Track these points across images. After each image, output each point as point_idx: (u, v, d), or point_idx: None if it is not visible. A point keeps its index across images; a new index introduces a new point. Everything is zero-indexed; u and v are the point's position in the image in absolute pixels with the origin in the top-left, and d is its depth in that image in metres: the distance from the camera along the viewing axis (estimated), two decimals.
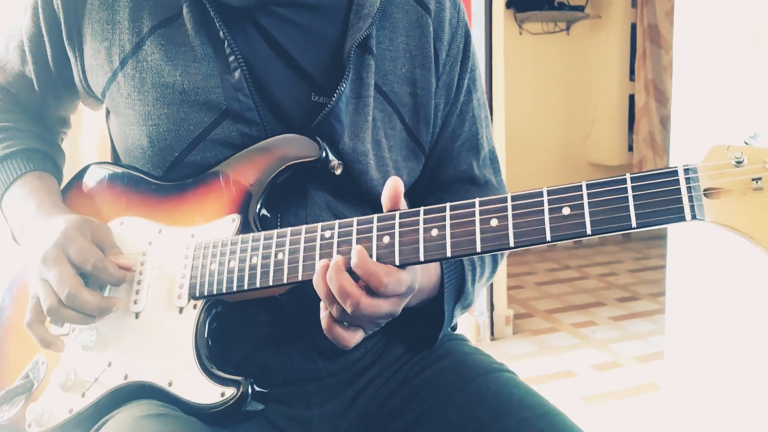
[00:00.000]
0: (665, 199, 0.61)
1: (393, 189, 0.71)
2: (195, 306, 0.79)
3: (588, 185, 0.64)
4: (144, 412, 0.75)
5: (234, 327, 0.82)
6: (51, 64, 0.92)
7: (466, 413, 0.84)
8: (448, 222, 0.68)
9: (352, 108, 0.85)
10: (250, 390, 0.74)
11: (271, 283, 0.75)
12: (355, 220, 0.72)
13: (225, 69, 0.83)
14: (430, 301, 0.85)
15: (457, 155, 0.95)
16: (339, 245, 0.72)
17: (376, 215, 0.71)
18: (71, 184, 0.96)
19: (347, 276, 0.69)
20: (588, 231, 0.63)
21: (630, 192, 0.62)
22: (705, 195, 0.60)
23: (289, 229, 0.75)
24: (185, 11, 0.84)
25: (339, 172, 0.83)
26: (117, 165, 0.92)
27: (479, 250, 0.67)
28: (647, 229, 0.63)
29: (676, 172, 0.61)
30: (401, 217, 0.70)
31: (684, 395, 2.09)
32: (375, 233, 0.71)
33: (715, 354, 1.97)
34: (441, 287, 0.85)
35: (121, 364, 0.81)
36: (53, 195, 0.92)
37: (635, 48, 4.73)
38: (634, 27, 4.75)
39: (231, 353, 0.83)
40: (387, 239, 0.70)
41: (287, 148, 0.82)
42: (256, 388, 0.75)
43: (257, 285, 0.75)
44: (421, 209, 0.70)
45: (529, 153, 4.65)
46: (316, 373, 0.88)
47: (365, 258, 0.69)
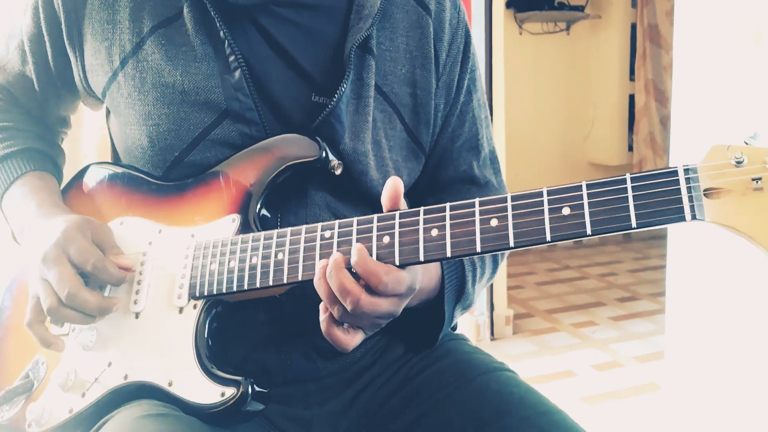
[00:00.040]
0: (665, 199, 0.61)
1: (393, 189, 0.71)
2: (195, 306, 0.79)
3: (588, 185, 0.64)
4: (144, 412, 0.75)
5: (234, 327, 0.82)
6: (51, 63, 0.92)
7: (466, 412, 0.84)
8: (448, 222, 0.68)
9: (352, 108, 0.85)
10: (250, 390, 0.74)
11: (271, 283, 0.75)
12: (355, 220, 0.72)
13: (225, 69, 0.83)
14: (430, 302, 0.86)
15: (458, 155, 0.95)
16: (339, 245, 0.72)
17: (376, 215, 0.71)
18: (71, 184, 0.96)
19: (347, 273, 0.69)
20: (588, 231, 0.63)
21: (630, 192, 0.62)
22: (705, 195, 0.60)
23: (289, 229, 0.76)
24: (186, 11, 0.84)
25: (339, 172, 0.83)
26: (117, 165, 0.92)
27: (479, 250, 0.67)
28: (647, 229, 0.63)
29: (676, 172, 0.61)
30: (401, 217, 0.70)
31: (684, 395, 2.09)
32: (375, 233, 0.71)
33: (715, 354, 1.97)
34: (441, 288, 0.85)
35: (121, 364, 0.81)
36: (53, 195, 0.92)
37: (635, 48, 4.73)
38: (634, 27, 4.76)
39: (231, 353, 0.83)
40: (387, 239, 0.70)
41: (287, 148, 0.82)
42: (256, 388, 0.75)
43: (257, 285, 0.75)
44: (421, 209, 0.70)
45: (529, 153, 4.65)
46: (316, 373, 0.88)
47: (365, 256, 0.69)
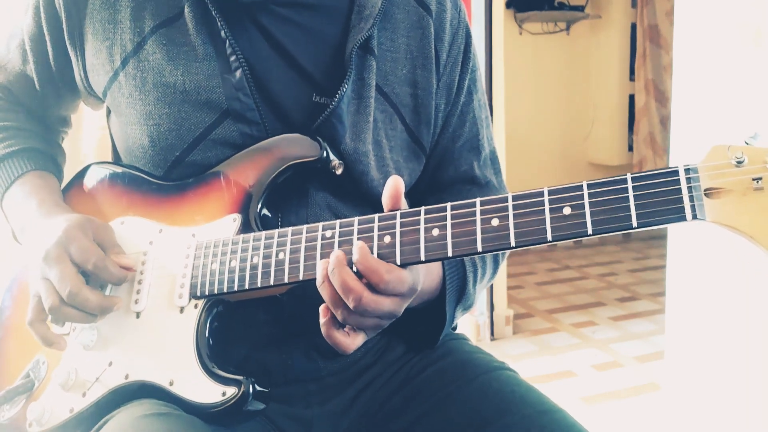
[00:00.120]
0: (666, 199, 0.61)
1: (394, 188, 0.71)
2: (196, 305, 0.79)
3: (589, 185, 0.64)
4: (145, 411, 0.75)
5: (235, 326, 0.83)
6: (52, 63, 0.92)
7: (467, 411, 0.84)
8: (449, 222, 0.68)
9: (353, 109, 0.85)
10: (251, 389, 0.74)
11: (272, 283, 0.75)
12: (356, 219, 0.72)
13: (226, 69, 0.83)
14: (431, 302, 0.86)
15: (458, 156, 0.95)
16: (340, 245, 0.72)
17: (377, 215, 0.71)
18: (72, 183, 0.96)
19: (349, 271, 0.69)
20: (589, 231, 0.63)
21: (631, 192, 0.62)
22: (705, 195, 0.60)
23: (290, 229, 0.76)
24: (187, 11, 0.84)
25: (340, 172, 0.83)
26: (118, 165, 0.92)
27: (480, 249, 0.67)
28: (647, 229, 0.63)
29: (676, 171, 0.61)
30: (402, 217, 0.70)
31: (684, 395, 2.09)
32: (376, 233, 0.71)
33: (715, 354, 1.97)
34: (442, 288, 0.85)
35: (122, 363, 0.81)
36: (54, 194, 0.92)
37: (635, 48, 4.73)
38: (634, 27, 4.76)
39: (232, 353, 0.83)
40: (388, 239, 0.70)
41: (288, 147, 0.82)
42: (257, 387, 0.75)
43: (258, 285, 0.75)
44: (422, 209, 0.70)
45: (529, 153, 4.65)
46: (316, 373, 0.88)
47: (366, 254, 0.69)
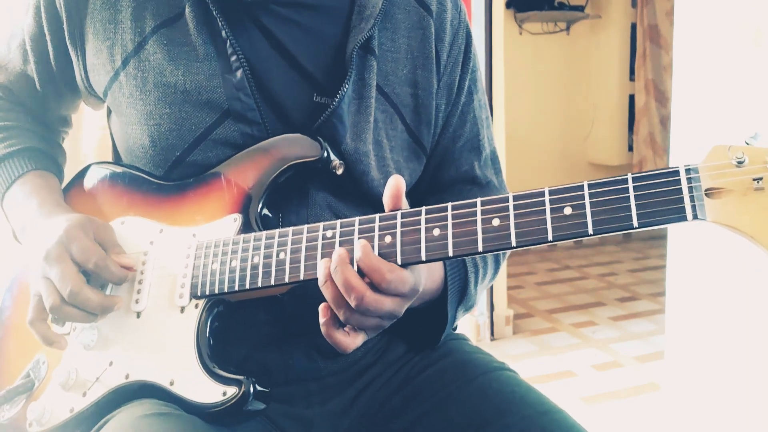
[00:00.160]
0: (667, 199, 0.61)
1: (395, 188, 0.71)
2: (196, 305, 0.79)
3: (590, 185, 0.64)
4: (145, 411, 0.75)
5: (235, 326, 0.83)
6: (53, 63, 0.92)
7: (467, 412, 0.84)
8: (449, 222, 0.68)
9: (354, 109, 0.85)
10: (251, 389, 0.74)
11: (273, 283, 0.75)
12: (357, 219, 0.72)
13: (227, 69, 0.83)
14: (432, 302, 0.86)
15: (459, 156, 0.95)
16: (341, 245, 0.72)
17: (377, 215, 0.72)
18: (72, 183, 0.96)
19: (352, 269, 0.69)
20: (590, 231, 0.63)
21: (631, 192, 0.62)
22: (706, 195, 0.60)
23: (291, 229, 0.76)
24: (188, 11, 0.84)
25: (340, 172, 0.83)
26: (118, 165, 0.92)
27: (481, 249, 0.67)
28: (648, 229, 0.63)
29: (677, 172, 0.61)
30: (403, 217, 0.70)
31: (684, 395, 2.09)
32: (377, 233, 0.71)
33: (715, 354, 1.97)
34: (444, 288, 0.85)
35: (123, 363, 0.81)
36: (55, 194, 0.92)
37: (635, 48, 4.73)
38: (634, 27, 4.76)
39: (232, 352, 0.83)
40: (389, 239, 0.70)
41: (289, 147, 0.82)
42: (257, 387, 0.75)
43: (259, 284, 0.76)
44: (423, 209, 0.70)
45: (529, 153, 4.65)
46: (317, 373, 0.88)
47: (369, 252, 0.69)
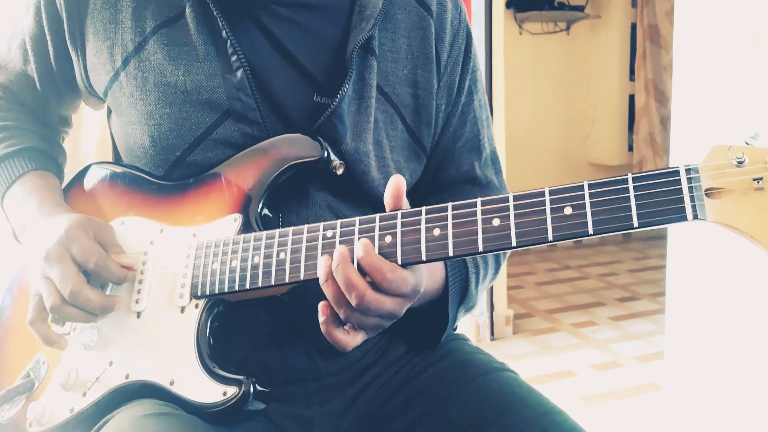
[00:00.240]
0: (667, 199, 0.61)
1: (395, 188, 0.71)
2: (197, 305, 0.79)
3: (590, 185, 0.64)
4: (145, 411, 0.75)
5: (235, 326, 0.83)
6: (53, 63, 0.92)
7: (468, 412, 0.84)
8: (450, 222, 0.68)
9: (354, 109, 0.85)
10: (251, 389, 0.74)
11: (273, 283, 0.75)
12: (357, 219, 0.72)
13: (227, 69, 0.83)
14: (433, 302, 0.86)
15: (459, 156, 0.95)
16: (341, 244, 0.72)
17: (378, 215, 0.72)
18: (72, 183, 0.96)
19: (353, 267, 0.69)
20: (590, 231, 0.63)
21: (632, 192, 0.62)
22: (706, 195, 0.60)
23: (291, 229, 0.76)
24: (188, 11, 0.84)
25: (341, 172, 0.83)
26: (118, 165, 0.92)
27: (481, 249, 0.67)
28: (648, 229, 0.63)
29: (677, 171, 0.61)
30: (403, 217, 0.70)
31: (684, 395, 2.09)
32: (377, 233, 0.71)
33: (715, 354, 1.97)
34: (445, 289, 0.85)
35: (123, 363, 0.81)
36: (55, 194, 0.92)
37: (635, 48, 4.73)
38: (634, 27, 4.76)
39: (232, 352, 0.83)
40: (389, 239, 0.70)
41: (289, 147, 0.82)
42: (257, 387, 0.75)
43: (259, 284, 0.75)
44: (423, 209, 0.70)
45: (529, 153, 4.65)
46: (317, 373, 0.88)
47: (371, 251, 0.69)
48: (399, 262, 0.69)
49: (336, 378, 0.90)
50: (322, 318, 0.71)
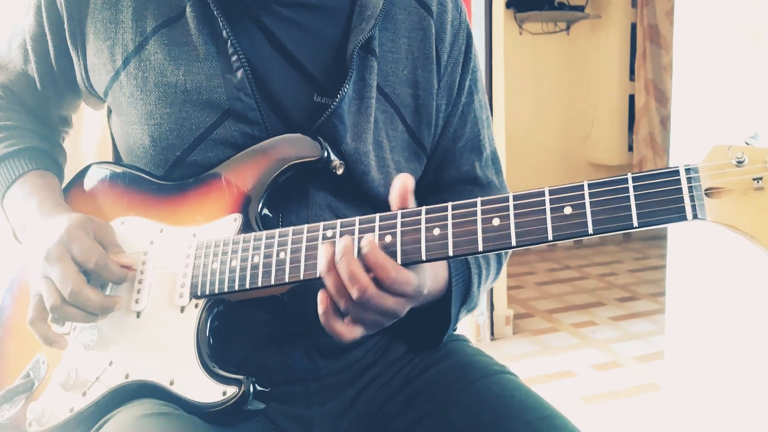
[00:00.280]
0: (667, 199, 0.61)
1: (402, 187, 0.71)
2: (196, 305, 0.79)
3: (590, 185, 0.64)
4: (145, 411, 0.75)
5: (235, 326, 0.83)
6: (53, 62, 0.92)
7: (467, 415, 0.84)
8: (450, 221, 0.68)
9: (354, 109, 0.85)
10: (251, 389, 0.74)
11: (273, 283, 0.75)
12: (357, 219, 0.72)
13: (227, 69, 0.83)
14: (435, 302, 0.85)
15: (460, 156, 0.95)
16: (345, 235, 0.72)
17: (378, 214, 0.72)
18: (72, 183, 0.96)
19: (357, 260, 0.68)
20: (590, 230, 0.63)
21: (631, 191, 0.62)
22: (706, 194, 0.60)
23: (291, 229, 0.76)
24: (188, 11, 0.84)
25: (341, 172, 0.83)
26: (118, 165, 0.92)
27: (481, 249, 0.67)
28: (648, 229, 0.63)
29: (677, 171, 0.61)
30: (403, 217, 0.70)
31: (684, 395, 2.09)
32: (377, 232, 0.71)
33: (715, 354, 1.97)
34: (448, 289, 0.85)
35: (123, 363, 0.81)
36: (55, 193, 0.92)
37: (635, 48, 4.73)
38: (634, 27, 4.76)
39: (232, 352, 0.83)
40: (389, 238, 0.70)
41: (289, 147, 0.82)
42: (257, 387, 0.75)
43: (259, 284, 0.75)
44: (423, 208, 0.70)
45: (529, 153, 4.65)
46: (317, 372, 0.88)
47: (376, 248, 0.69)
48: (399, 261, 0.69)
49: (336, 378, 0.90)
50: (321, 307, 0.71)
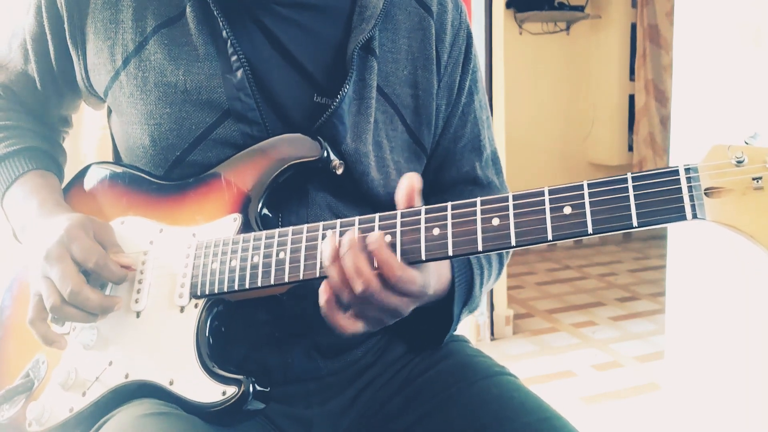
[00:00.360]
0: (666, 198, 0.61)
1: (409, 186, 0.70)
2: (196, 305, 0.79)
3: (589, 185, 0.64)
4: (145, 411, 0.75)
5: (235, 326, 0.83)
6: (53, 62, 0.92)
7: (467, 416, 0.84)
8: (449, 221, 0.68)
9: (354, 109, 0.85)
10: (251, 389, 0.74)
11: (273, 282, 0.75)
12: (357, 219, 0.72)
13: (227, 69, 0.83)
14: (438, 302, 0.85)
15: (460, 156, 0.95)
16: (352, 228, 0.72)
17: (377, 214, 0.72)
18: (72, 183, 0.96)
19: (363, 255, 0.68)
20: (589, 230, 0.63)
21: (631, 191, 0.62)
22: (706, 194, 0.60)
23: (291, 228, 0.76)
24: (189, 11, 0.84)
25: (340, 171, 0.83)
26: (118, 164, 0.92)
27: (481, 249, 0.67)
28: (647, 229, 0.63)
29: (677, 171, 0.61)
30: (403, 216, 0.70)
31: (684, 395, 2.09)
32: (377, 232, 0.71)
33: (715, 354, 1.97)
34: (450, 289, 0.85)
35: (122, 363, 0.81)
36: (55, 193, 0.92)
37: (635, 48, 4.73)
38: (634, 27, 4.76)
39: (232, 352, 0.83)
40: (389, 238, 0.70)
41: (288, 147, 0.82)
42: (257, 387, 0.75)
43: (258, 284, 0.75)
44: (423, 208, 0.70)
45: (529, 153, 4.65)
46: (316, 372, 0.88)
47: (384, 245, 0.68)
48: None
49: (336, 378, 0.90)
50: (324, 297, 0.70)
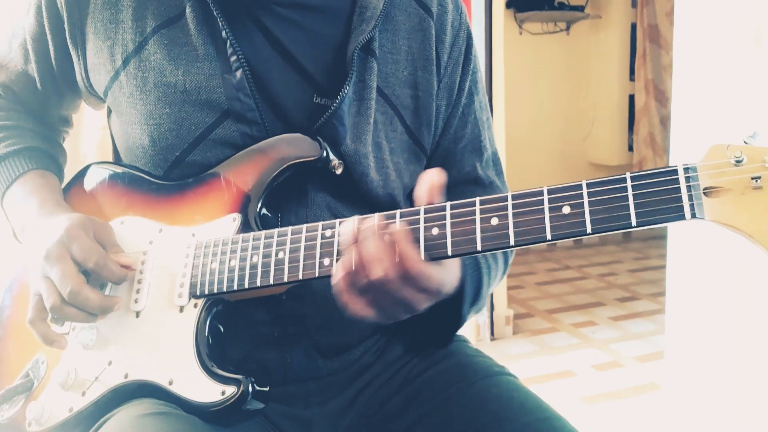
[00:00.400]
0: (665, 198, 0.61)
1: (431, 182, 0.69)
2: (196, 305, 0.79)
3: (588, 184, 0.64)
4: (144, 410, 0.75)
5: (234, 326, 0.83)
6: (53, 62, 0.92)
7: (467, 416, 0.84)
8: (448, 221, 0.68)
9: (354, 110, 0.85)
10: (250, 389, 0.75)
11: (272, 282, 0.75)
12: (355, 218, 0.72)
13: (227, 69, 0.83)
14: (445, 301, 0.85)
15: (461, 157, 0.95)
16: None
17: (377, 214, 0.72)
18: (72, 183, 0.96)
19: (385, 244, 0.66)
20: (588, 230, 0.63)
21: (630, 191, 0.62)
22: (705, 194, 0.60)
23: (290, 228, 0.76)
24: (188, 11, 0.84)
25: (340, 171, 0.83)
26: (118, 164, 0.92)
27: (480, 248, 0.67)
28: (647, 229, 0.63)
29: (676, 171, 0.61)
30: (401, 216, 0.70)
31: (684, 395, 2.09)
32: None
33: (715, 354, 1.97)
34: (459, 288, 0.84)
35: (122, 362, 0.81)
36: (55, 193, 0.92)
37: (635, 48, 4.73)
38: (634, 27, 4.76)
39: (231, 352, 0.83)
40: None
41: (288, 147, 0.82)
42: (256, 386, 0.75)
43: (258, 284, 0.76)
44: (422, 208, 0.70)
45: (529, 153, 4.65)
46: (316, 372, 0.88)
47: (408, 237, 0.67)
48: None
49: (335, 377, 0.90)
50: (339, 275, 0.68)
